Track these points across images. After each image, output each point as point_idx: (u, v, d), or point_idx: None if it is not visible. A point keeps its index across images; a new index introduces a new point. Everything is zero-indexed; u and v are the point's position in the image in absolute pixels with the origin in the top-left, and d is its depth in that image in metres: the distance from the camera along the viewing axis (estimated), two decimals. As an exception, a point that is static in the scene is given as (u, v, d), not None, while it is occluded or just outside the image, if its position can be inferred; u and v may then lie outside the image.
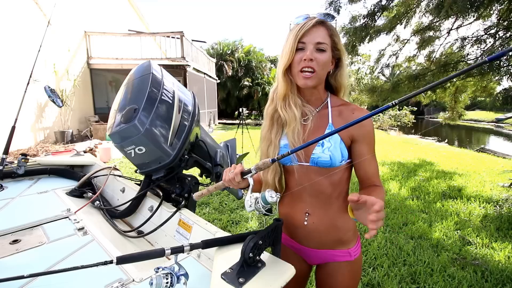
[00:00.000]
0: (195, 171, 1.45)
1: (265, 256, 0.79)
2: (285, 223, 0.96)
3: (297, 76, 0.88)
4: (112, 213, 1.38)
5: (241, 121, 6.67)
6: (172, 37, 9.40)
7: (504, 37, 4.02)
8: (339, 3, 4.51)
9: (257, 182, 1.02)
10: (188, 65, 9.57)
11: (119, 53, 8.98)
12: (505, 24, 3.97)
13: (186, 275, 0.71)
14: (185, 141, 1.25)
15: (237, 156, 2.05)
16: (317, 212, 0.94)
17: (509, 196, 3.88)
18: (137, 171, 1.33)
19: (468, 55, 4.53)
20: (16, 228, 1.13)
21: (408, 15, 4.67)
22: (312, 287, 1.93)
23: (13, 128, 1.68)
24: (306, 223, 0.95)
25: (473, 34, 4.44)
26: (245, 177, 0.82)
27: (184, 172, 1.35)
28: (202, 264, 0.93)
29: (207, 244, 0.81)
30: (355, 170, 0.95)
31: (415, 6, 4.58)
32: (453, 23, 4.51)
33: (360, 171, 0.92)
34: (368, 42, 4.88)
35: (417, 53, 5.23)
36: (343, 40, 3.79)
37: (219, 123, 16.72)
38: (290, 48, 0.85)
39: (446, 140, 13.05)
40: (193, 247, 0.76)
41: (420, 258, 2.41)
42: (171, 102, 1.23)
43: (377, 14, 4.67)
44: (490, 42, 4.17)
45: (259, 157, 1.00)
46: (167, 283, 0.66)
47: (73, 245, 1.03)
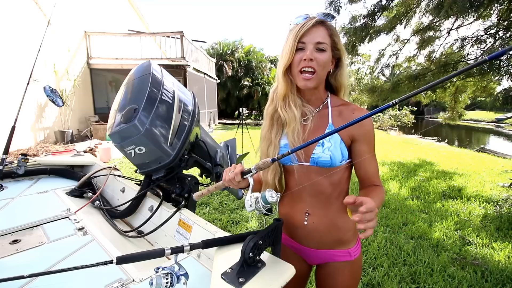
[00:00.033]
0: (195, 171, 1.45)
1: (265, 256, 0.79)
2: (285, 223, 0.96)
3: (297, 77, 0.88)
4: (112, 213, 1.38)
5: (241, 121, 6.68)
6: (172, 37, 9.40)
7: (504, 37, 4.02)
8: (339, 3, 4.51)
9: (257, 182, 1.02)
10: (188, 65, 9.57)
11: (119, 53, 8.98)
12: (505, 24, 3.97)
13: (186, 275, 0.71)
14: (185, 141, 1.25)
15: (237, 156, 2.05)
16: (317, 212, 0.94)
17: (509, 196, 3.87)
18: (137, 171, 1.34)
19: (468, 55, 4.53)
20: (16, 228, 1.13)
21: (408, 15, 4.66)
22: (312, 287, 1.93)
23: (13, 128, 1.68)
24: (306, 223, 0.95)
25: (473, 34, 4.44)
26: (245, 176, 0.83)
27: (184, 172, 1.35)
28: (202, 264, 0.93)
29: (207, 244, 0.81)
30: (355, 170, 0.95)
31: (415, 6, 4.57)
32: (453, 23, 4.51)
33: (360, 170, 0.92)
34: (368, 42, 4.88)
35: (417, 53, 5.23)
36: (343, 40, 3.79)
37: (219, 123, 16.72)
38: (290, 48, 0.85)
39: (446, 140, 13.06)
40: (193, 247, 0.76)
41: (420, 258, 2.41)
42: (171, 102, 1.23)
43: (377, 14, 4.67)
44: (490, 42, 4.17)
45: (259, 157, 1.00)
46: (167, 283, 0.66)
47: (73, 245, 1.03)
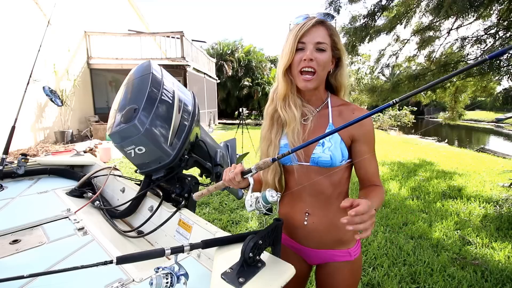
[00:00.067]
0: (195, 171, 1.45)
1: (265, 256, 0.79)
2: (285, 223, 0.96)
3: (297, 78, 0.88)
4: (112, 213, 1.38)
5: (241, 121, 6.68)
6: (172, 37, 9.40)
7: (504, 37, 4.02)
8: (339, 3, 4.51)
9: (257, 182, 1.02)
10: (188, 65, 9.57)
11: (119, 53, 8.98)
12: (505, 24, 3.97)
13: (186, 275, 0.71)
14: (185, 141, 1.25)
15: (237, 156, 2.05)
16: (317, 212, 0.94)
17: (509, 196, 3.87)
18: (137, 171, 1.34)
19: (468, 55, 4.53)
20: (16, 228, 1.13)
21: (408, 15, 4.66)
22: (312, 287, 1.93)
23: (13, 128, 1.68)
24: (306, 223, 0.95)
25: (473, 34, 4.44)
26: (245, 176, 0.83)
27: (184, 172, 1.35)
28: (202, 264, 0.93)
29: (207, 244, 0.81)
30: (355, 170, 0.95)
31: (415, 6, 4.57)
32: (453, 23, 4.51)
33: (360, 170, 0.93)
34: (368, 42, 4.88)
35: (417, 53, 5.23)
36: (343, 40, 3.79)
37: (219, 123, 16.72)
38: (290, 48, 0.85)
39: (446, 140, 13.06)
40: (193, 247, 0.76)
41: (420, 258, 2.41)
42: (171, 102, 1.23)
43: (377, 14, 4.67)
44: (490, 42, 4.17)
45: (259, 157, 1.00)
46: (167, 283, 0.66)
47: (73, 245, 1.03)
